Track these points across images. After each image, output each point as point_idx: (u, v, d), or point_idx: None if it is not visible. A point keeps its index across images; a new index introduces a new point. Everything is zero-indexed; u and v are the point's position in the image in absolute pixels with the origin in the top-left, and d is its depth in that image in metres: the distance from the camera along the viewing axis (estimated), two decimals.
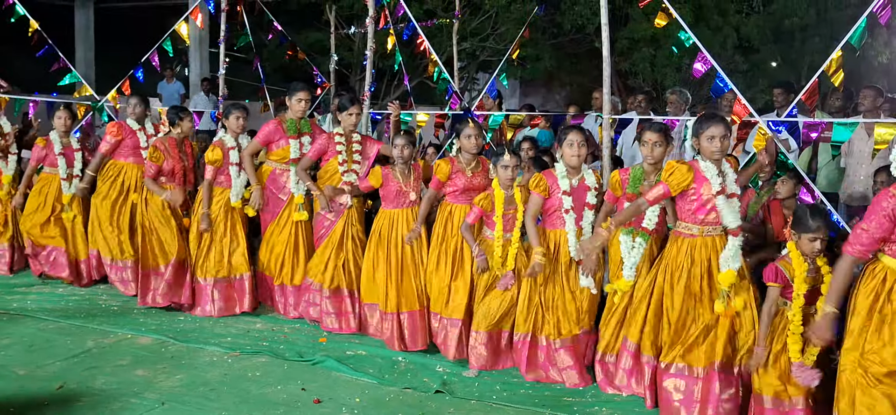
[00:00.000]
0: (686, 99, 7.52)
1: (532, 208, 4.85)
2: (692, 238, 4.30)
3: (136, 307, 6.23)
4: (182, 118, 6.29)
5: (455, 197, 5.29)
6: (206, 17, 10.12)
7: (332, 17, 9.71)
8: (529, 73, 14.24)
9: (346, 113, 5.73)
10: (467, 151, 5.29)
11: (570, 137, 4.79)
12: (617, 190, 4.70)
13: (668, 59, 12.49)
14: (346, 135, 5.78)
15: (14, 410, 4.20)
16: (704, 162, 4.25)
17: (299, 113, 6.00)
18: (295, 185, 5.94)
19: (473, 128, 5.28)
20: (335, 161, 5.74)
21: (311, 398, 4.45)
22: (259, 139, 6.01)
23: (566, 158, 4.82)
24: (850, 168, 6.57)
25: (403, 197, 5.43)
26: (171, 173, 6.24)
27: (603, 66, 5.64)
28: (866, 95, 6.63)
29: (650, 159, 4.65)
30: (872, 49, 12.44)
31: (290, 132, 5.98)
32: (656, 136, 4.62)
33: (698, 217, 4.27)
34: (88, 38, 15.65)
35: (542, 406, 4.46)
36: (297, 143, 5.97)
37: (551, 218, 4.87)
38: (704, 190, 4.21)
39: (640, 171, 4.66)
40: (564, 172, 4.80)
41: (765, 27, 13.06)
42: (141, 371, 4.82)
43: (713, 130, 4.19)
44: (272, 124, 6.02)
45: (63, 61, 8.21)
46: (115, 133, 6.61)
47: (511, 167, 4.96)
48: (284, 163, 6.01)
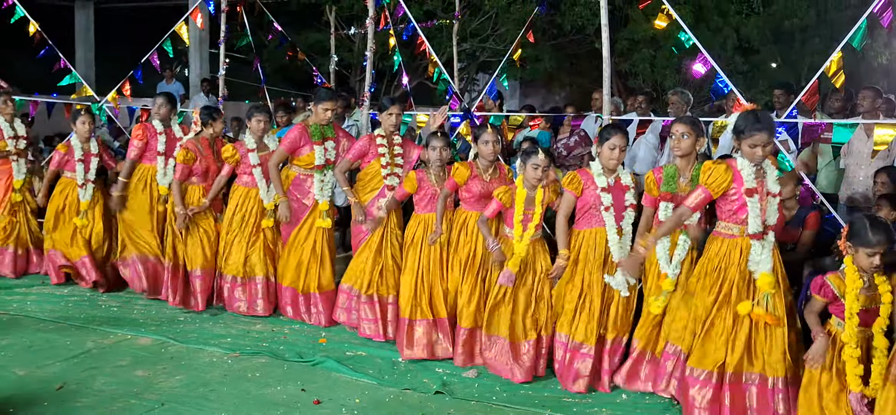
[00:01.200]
0: (688, 100, 7.53)
1: (565, 207, 4.75)
2: (732, 238, 4.17)
3: (136, 308, 6.23)
4: (215, 118, 6.25)
5: (470, 204, 5.19)
6: (206, 17, 10.14)
7: (332, 17, 9.73)
8: (529, 74, 14.25)
9: (385, 113, 5.64)
10: (485, 156, 5.16)
11: (613, 140, 4.63)
12: (653, 190, 4.56)
13: (668, 59, 12.50)
14: (387, 136, 5.68)
15: (14, 410, 4.20)
16: (742, 159, 4.10)
17: (324, 121, 5.86)
18: (319, 191, 5.85)
19: (492, 133, 5.12)
20: (376, 164, 5.63)
21: (310, 399, 4.45)
22: (284, 147, 5.87)
23: (604, 158, 4.68)
24: (850, 169, 6.57)
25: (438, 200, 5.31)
26: (204, 174, 6.20)
27: (603, 67, 5.65)
28: (865, 96, 6.63)
29: (678, 151, 4.51)
30: (872, 50, 12.44)
31: (314, 138, 5.85)
32: (684, 127, 4.49)
33: (740, 217, 4.12)
34: (88, 38, 15.65)
35: (543, 407, 4.45)
36: (321, 148, 5.84)
37: (585, 217, 4.74)
38: (744, 190, 4.09)
39: (673, 169, 4.53)
40: (600, 171, 4.67)
41: (765, 28, 13.06)
42: (141, 372, 4.81)
43: (757, 138, 3.99)
44: (297, 131, 5.88)
45: (64, 62, 8.22)
46: (140, 136, 6.52)
47: (541, 167, 4.81)
48: (309, 168, 5.90)
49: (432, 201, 5.30)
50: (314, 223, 5.86)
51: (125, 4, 16.42)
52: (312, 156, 5.85)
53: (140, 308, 6.24)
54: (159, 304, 6.34)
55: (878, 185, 5.45)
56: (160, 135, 6.53)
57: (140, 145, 6.51)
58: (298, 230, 5.89)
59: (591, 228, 4.72)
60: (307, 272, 5.84)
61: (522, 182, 4.87)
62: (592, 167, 4.72)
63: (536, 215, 4.87)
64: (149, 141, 6.53)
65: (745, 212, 4.10)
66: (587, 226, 4.74)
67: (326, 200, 5.85)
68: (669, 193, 4.49)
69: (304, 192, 5.95)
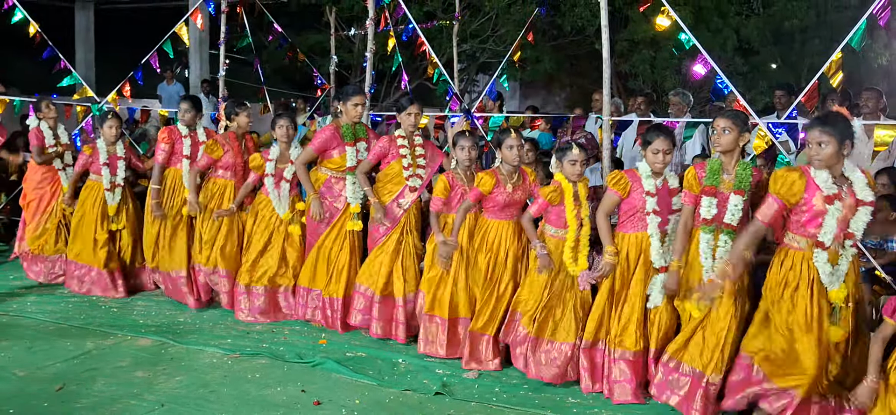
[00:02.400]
0: (688, 101, 7.53)
1: (607, 205, 4.59)
2: (800, 251, 3.94)
3: (136, 309, 6.23)
4: (238, 112, 6.15)
5: (493, 212, 5.04)
6: (206, 18, 10.14)
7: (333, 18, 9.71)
8: (530, 75, 14.25)
9: (404, 113, 5.50)
10: (509, 162, 5.01)
11: (656, 144, 4.46)
12: (694, 187, 4.36)
13: (668, 61, 12.51)
14: (407, 136, 5.58)
15: (14, 411, 4.19)
16: (816, 169, 3.85)
17: (355, 119, 5.72)
18: (351, 194, 5.72)
19: (516, 138, 4.97)
20: (397, 164, 5.52)
21: (310, 400, 4.45)
22: (314, 148, 5.74)
23: (649, 162, 4.50)
24: None
25: None
26: (232, 168, 6.13)
27: (603, 68, 5.64)
28: (868, 98, 6.63)
29: (719, 146, 4.31)
30: (872, 51, 12.45)
31: (346, 139, 5.71)
32: (725, 121, 4.28)
33: (809, 230, 3.89)
34: (88, 39, 15.64)
35: (543, 407, 4.45)
36: (353, 150, 5.71)
37: (631, 220, 4.57)
38: (816, 200, 3.83)
39: (717, 162, 4.33)
40: (649, 173, 4.50)
41: (765, 29, 13.08)
42: (141, 373, 4.81)
43: (817, 133, 3.80)
44: (328, 131, 5.75)
45: (64, 63, 8.21)
46: (166, 139, 6.38)
47: (579, 162, 4.73)
48: (340, 171, 5.76)
49: (461, 202, 5.19)
50: (345, 226, 5.74)
51: (125, 5, 16.40)
52: (344, 158, 5.72)
53: (140, 309, 6.24)
54: (159, 305, 6.34)
55: (879, 186, 5.44)
56: (185, 138, 6.41)
57: (167, 148, 6.36)
58: (328, 233, 5.75)
59: (636, 231, 4.56)
60: (339, 276, 5.69)
61: (564, 179, 4.78)
62: (640, 168, 4.55)
63: (584, 212, 4.78)
64: (174, 144, 6.40)
65: (814, 224, 3.86)
66: (632, 229, 4.57)
67: (358, 203, 5.72)
68: (713, 187, 4.30)
69: (335, 195, 5.82)
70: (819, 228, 3.85)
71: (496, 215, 5.05)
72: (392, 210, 5.54)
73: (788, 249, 4.00)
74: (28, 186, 7.12)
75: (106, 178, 6.51)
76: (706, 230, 4.31)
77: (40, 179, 7.04)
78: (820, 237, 3.86)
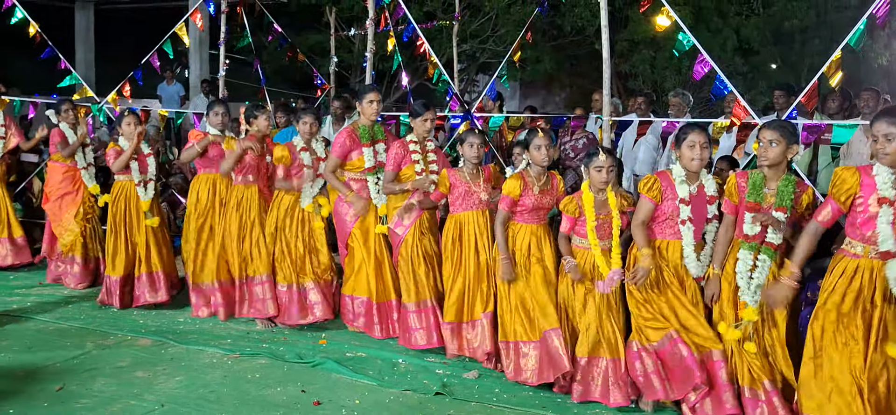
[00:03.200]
0: (688, 101, 7.54)
1: (642, 215, 4.33)
2: (856, 258, 3.67)
3: (136, 309, 6.23)
4: (257, 115, 6.01)
5: (521, 216, 4.85)
6: (206, 18, 10.14)
7: (332, 18, 9.73)
8: (530, 75, 14.25)
9: (420, 119, 5.43)
10: (537, 163, 4.81)
11: (692, 137, 4.20)
12: (733, 197, 4.12)
13: (668, 61, 12.51)
14: (419, 141, 5.49)
15: (14, 411, 4.20)
16: (878, 164, 3.59)
17: (372, 116, 5.61)
18: (376, 194, 5.61)
19: (544, 139, 4.76)
20: (409, 170, 5.43)
21: (310, 400, 4.45)
22: (336, 154, 5.60)
23: (685, 160, 4.24)
24: None
25: (473, 198, 5.14)
26: (255, 169, 5.97)
27: (603, 68, 5.64)
28: (868, 99, 6.64)
29: (765, 160, 4.00)
30: (872, 51, 12.44)
31: (363, 140, 5.59)
32: (772, 133, 3.97)
33: (864, 233, 3.61)
34: (88, 39, 15.65)
35: (543, 407, 4.45)
36: (371, 151, 5.59)
37: (660, 226, 4.35)
38: (872, 200, 3.56)
39: (760, 176, 4.03)
40: (683, 177, 4.24)
41: (764, 29, 13.07)
42: (141, 373, 4.81)
43: (884, 126, 3.54)
44: (345, 135, 5.60)
45: (64, 63, 8.22)
46: (197, 139, 6.15)
47: (606, 168, 4.48)
48: (359, 172, 5.65)
49: (466, 199, 5.14)
50: (371, 229, 5.63)
51: (125, 5, 16.40)
52: (362, 160, 5.61)
53: (140, 309, 6.24)
54: (159, 305, 6.33)
55: None
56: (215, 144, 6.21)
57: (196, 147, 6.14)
58: (354, 238, 5.66)
59: (663, 239, 4.35)
60: (374, 280, 5.61)
61: (588, 187, 4.56)
62: (674, 172, 4.30)
63: (615, 220, 4.52)
64: (208, 148, 6.18)
65: (870, 227, 3.58)
66: (663, 236, 4.35)
67: (384, 204, 5.60)
68: (757, 204, 4.01)
69: None
70: (877, 231, 3.57)
71: (523, 219, 4.86)
72: (409, 214, 5.43)
73: (844, 257, 3.73)
74: (50, 187, 7.03)
75: (136, 174, 6.30)
76: (747, 247, 4.06)
77: (61, 179, 6.97)
78: (878, 246, 3.58)
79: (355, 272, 5.67)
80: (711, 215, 4.33)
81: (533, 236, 4.82)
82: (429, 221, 5.49)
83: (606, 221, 4.53)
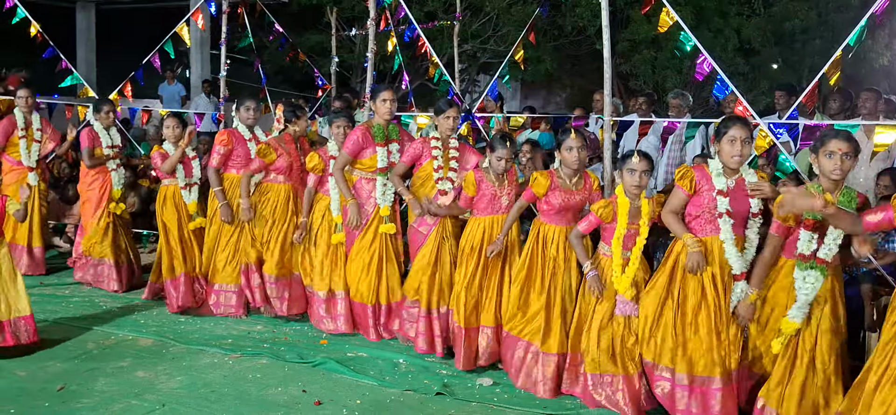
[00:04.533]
0: (688, 103, 7.54)
1: (674, 204, 4.16)
2: None
3: (137, 309, 6.23)
4: (299, 116, 5.98)
5: (549, 216, 4.71)
6: (207, 18, 10.15)
7: (333, 19, 9.72)
8: (530, 76, 14.26)
9: (442, 116, 5.30)
10: (569, 165, 4.63)
11: (733, 132, 3.98)
12: (788, 219, 3.83)
13: (669, 61, 12.51)
14: (442, 139, 5.37)
15: (15, 411, 4.20)
16: None
17: (386, 115, 5.47)
18: (381, 195, 5.52)
19: (576, 139, 4.59)
20: (429, 166, 5.33)
21: (311, 400, 4.45)
22: (348, 151, 5.48)
23: (724, 156, 4.03)
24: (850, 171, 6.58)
25: (497, 202, 4.99)
26: (287, 170, 5.93)
27: (604, 69, 5.64)
28: (867, 99, 6.63)
29: (837, 173, 3.66)
30: (873, 51, 12.45)
31: (377, 139, 5.47)
32: (847, 145, 3.68)
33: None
34: (90, 39, 15.66)
35: (543, 408, 4.45)
36: (384, 150, 5.48)
37: (697, 221, 4.13)
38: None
39: (819, 190, 3.65)
40: (720, 170, 4.04)
41: (765, 29, 13.07)
42: (142, 373, 4.81)
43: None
44: (358, 132, 5.48)
45: (65, 63, 8.23)
46: (224, 142, 6.05)
47: (640, 172, 4.26)
48: (371, 172, 5.54)
49: (491, 203, 4.99)
50: (378, 229, 5.54)
51: (126, 6, 16.42)
52: (375, 159, 5.50)
53: (141, 309, 6.24)
54: (160, 305, 6.34)
55: (881, 187, 5.46)
56: (250, 142, 6.13)
57: (224, 152, 6.04)
58: (361, 239, 5.58)
59: (705, 236, 4.11)
60: (378, 282, 5.56)
61: (623, 192, 4.35)
62: (711, 165, 4.10)
63: (643, 231, 4.34)
64: (235, 148, 6.09)
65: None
66: (702, 233, 4.12)
67: (388, 206, 5.54)
68: (813, 220, 3.75)
69: (365, 197, 5.60)
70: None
71: (551, 219, 4.70)
72: (426, 213, 5.33)
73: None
74: (80, 188, 6.97)
75: (181, 177, 6.25)
76: (803, 267, 3.79)
77: (91, 181, 6.85)
78: None
79: (357, 277, 5.60)
80: (755, 211, 4.09)
81: (562, 240, 4.67)
82: (452, 226, 5.34)
83: (635, 233, 4.37)
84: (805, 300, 3.78)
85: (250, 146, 6.10)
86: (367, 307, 5.59)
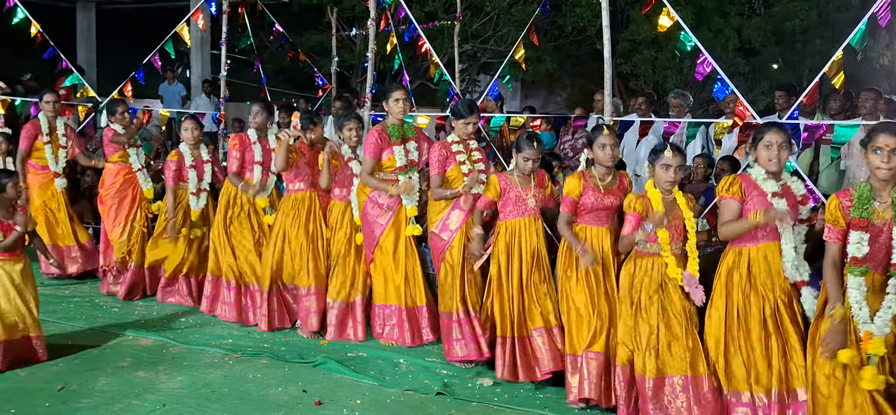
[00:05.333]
0: (688, 102, 7.54)
1: (728, 216, 3.93)
2: None
3: (137, 309, 6.24)
4: (315, 123, 5.90)
5: (581, 218, 4.55)
6: (208, 18, 10.15)
7: (334, 19, 9.73)
8: (531, 76, 14.26)
9: (462, 121, 5.16)
10: (602, 163, 4.51)
11: (769, 137, 3.87)
12: (840, 220, 3.58)
13: (670, 61, 12.51)
14: (462, 142, 5.24)
15: (16, 411, 4.20)
16: None
17: (399, 114, 5.42)
18: (405, 196, 5.42)
19: (609, 136, 4.47)
20: (455, 170, 5.17)
21: (311, 400, 4.45)
22: (369, 155, 5.36)
23: (762, 161, 3.91)
24: (851, 170, 6.58)
25: (522, 204, 4.81)
26: (308, 178, 5.82)
27: (604, 69, 5.64)
28: (867, 98, 6.64)
29: (886, 169, 3.47)
30: (873, 51, 12.44)
31: (394, 139, 5.40)
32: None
33: None
34: (90, 39, 15.65)
35: (544, 408, 4.45)
36: (401, 149, 5.40)
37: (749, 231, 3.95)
38: None
39: (866, 189, 3.55)
40: (764, 175, 3.91)
41: (766, 29, 13.06)
42: (142, 373, 4.81)
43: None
44: (375, 134, 5.39)
45: (65, 63, 8.24)
46: (237, 146, 5.98)
47: (674, 168, 4.18)
48: (390, 171, 5.43)
49: (517, 206, 4.80)
50: (401, 231, 5.45)
51: (127, 5, 16.42)
52: (393, 159, 5.41)
53: (141, 309, 6.25)
54: (161, 305, 6.34)
55: None
56: (255, 144, 6.02)
57: (239, 156, 5.98)
58: (383, 240, 5.46)
59: (756, 244, 3.93)
60: (405, 286, 5.43)
61: (652, 185, 4.28)
62: (753, 173, 3.97)
63: (689, 223, 4.21)
64: (245, 152, 6.01)
65: None
66: (750, 242, 3.94)
67: (414, 206, 5.42)
68: (864, 220, 3.52)
69: (384, 197, 5.48)
70: None
71: (586, 220, 4.54)
72: (445, 225, 5.17)
73: None
74: (105, 191, 6.79)
75: (193, 182, 6.24)
76: (856, 272, 3.53)
77: (121, 184, 6.73)
78: None
79: (385, 279, 5.48)
80: (804, 217, 3.96)
81: (598, 243, 4.51)
82: None
83: (678, 223, 4.22)
84: (889, 315, 3.44)
85: (255, 149, 5.99)
86: (401, 310, 5.43)
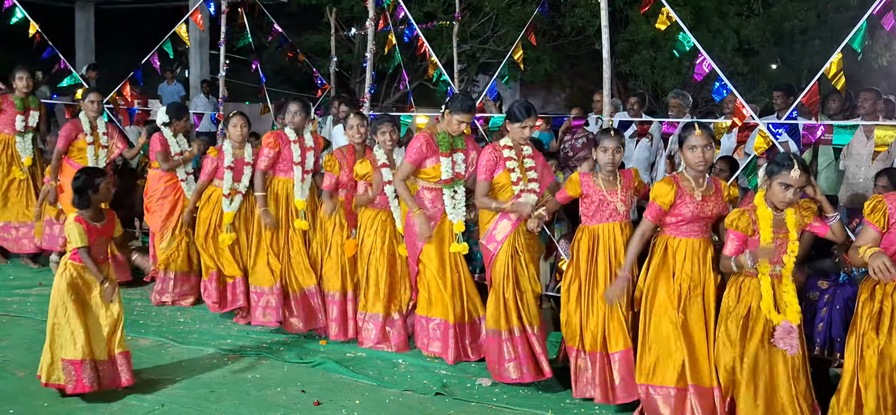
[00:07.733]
0: (687, 103, 7.54)
1: (868, 240, 3.58)
2: None
3: (136, 309, 6.23)
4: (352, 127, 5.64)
5: (677, 228, 4.08)
6: (207, 18, 10.14)
7: (333, 19, 9.73)
8: (530, 76, 14.27)
9: (518, 125, 4.72)
10: (693, 167, 4.04)
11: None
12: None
13: (669, 61, 12.52)
14: (515, 146, 4.84)
15: (14, 411, 4.20)
16: None
17: (455, 132, 5.07)
18: (452, 209, 5.08)
19: (702, 136, 3.98)
20: (504, 177, 4.78)
21: (310, 400, 4.45)
22: (410, 160, 5.08)
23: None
24: (850, 171, 6.58)
25: (607, 208, 4.38)
26: (347, 185, 5.62)
27: (603, 69, 5.64)
28: (866, 99, 6.64)
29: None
30: (872, 51, 12.45)
31: (443, 149, 5.06)
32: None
33: None
34: (89, 39, 15.64)
35: (545, 409, 4.45)
36: (449, 161, 5.06)
37: None
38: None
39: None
40: None
41: (765, 30, 13.09)
42: (141, 373, 4.81)
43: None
44: (421, 140, 5.08)
45: (63, 63, 8.22)
46: (271, 144, 5.76)
47: (794, 188, 3.69)
48: (434, 182, 5.13)
49: (600, 209, 4.38)
50: (446, 242, 5.12)
51: (125, 5, 16.41)
52: (438, 169, 5.08)
53: (140, 309, 6.24)
54: (160, 306, 6.32)
55: (879, 187, 5.45)
56: (294, 143, 5.80)
57: (271, 154, 5.77)
58: (428, 254, 5.13)
59: None
60: (455, 300, 5.09)
61: (763, 199, 3.83)
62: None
63: (792, 244, 3.79)
64: (281, 150, 5.81)
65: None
66: None
67: (461, 221, 5.08)
68: None
69: (427, 207, 5.18)
70: None
71: (681, 232, 4.08)
72: (492, 233, 4.82)
73: None
74: (150, 199, 6.58)
75: (227, 183, 5.96)
76: None
77: (164, 190, 6.53)
78: None
79: (429, 291, 5.17)
80: None
81: (694, 256, 4.06)
82: (525, 237, 4.80)
83: (782, 242, 3.82)
84: None
85: (293, 149, 5.80)
86: (447, 326, 5.10)
